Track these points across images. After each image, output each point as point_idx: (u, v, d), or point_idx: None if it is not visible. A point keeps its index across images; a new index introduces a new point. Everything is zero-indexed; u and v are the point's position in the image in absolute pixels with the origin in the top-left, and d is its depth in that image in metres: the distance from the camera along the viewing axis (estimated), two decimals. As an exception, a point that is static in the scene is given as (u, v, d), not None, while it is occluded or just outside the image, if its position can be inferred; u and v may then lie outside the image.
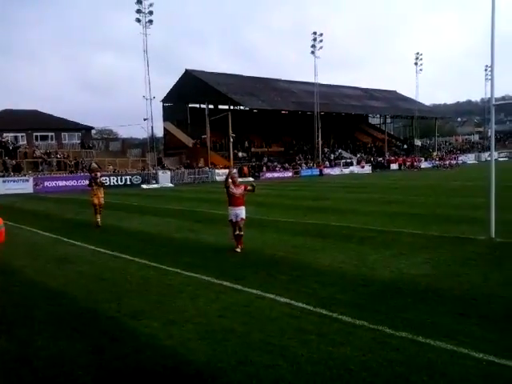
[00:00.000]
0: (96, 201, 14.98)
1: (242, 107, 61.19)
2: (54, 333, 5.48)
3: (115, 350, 4.93)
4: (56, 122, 55.90)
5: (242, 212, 10.22)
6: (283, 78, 75.75)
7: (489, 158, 11.40)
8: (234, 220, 10.17)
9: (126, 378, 4.32)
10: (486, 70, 75.09)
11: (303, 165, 59.46)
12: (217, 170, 49.42)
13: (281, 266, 8.61)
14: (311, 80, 62.91)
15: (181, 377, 4.31)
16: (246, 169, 51.53)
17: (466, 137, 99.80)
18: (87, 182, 15.60)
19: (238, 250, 10.02)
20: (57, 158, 44.94)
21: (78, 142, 54.35)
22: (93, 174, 15.53)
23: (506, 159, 74.77)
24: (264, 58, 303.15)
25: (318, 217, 15.39)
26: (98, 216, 14.95)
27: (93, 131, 63.47)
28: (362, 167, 61.56)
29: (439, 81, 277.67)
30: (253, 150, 62.61)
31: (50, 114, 58.25)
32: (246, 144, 62.48)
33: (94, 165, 16.81)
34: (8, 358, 4.82)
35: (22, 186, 36.94)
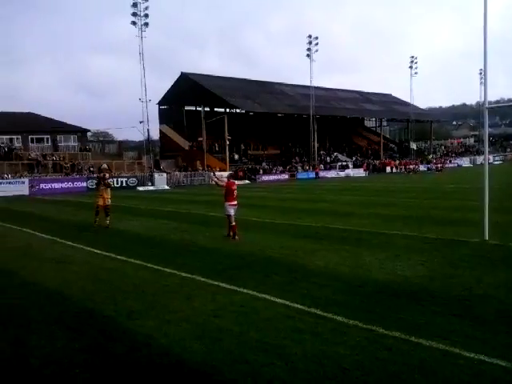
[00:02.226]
0: (101, 202, 15.11)
1: (238, 110, 61.28)
2: (50, 332, 5.52)
3: (111, 348, 4.97)
4: (51, 125, 55.70)
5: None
6: (281, 81, 75.96)
7: (484, 162, 11.51)
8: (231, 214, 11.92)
9: (122, 376, 4.36)
10: (480, 73, 75.49)
11: (299, 167, 59.58)
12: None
13: (276, 267, 8.66)
14: (308, 83, 63.15)
15: (176, 375, 4.35)
16: (241, 172, 51.74)
17: (462, 140, 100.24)
18: (94, 183, 15.67)
19: (237, 237, 11.73)
20: (53, 160, 44.86)
21: (74, 144, 54.21)
22: (101, 175, 15.64)
23: (501, 162, 75.20)
24: (262, 61, 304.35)
25: (314, 219, 15.46)
26: (108, 218, 15.02)
27: (88, 134, 63.31)
28: (365, 170, 61.52)
29: (435, 84, 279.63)
30: (249, 152, 62.70)
31: (45, 117, 58.01)
32: (243, 147, 62.58)
33: (104, 166, 16.89)
34: (4, 357, 4.85)
35: (17, 187, 36.83)
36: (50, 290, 7.51)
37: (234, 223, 11.92)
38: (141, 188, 42.02)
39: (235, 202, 12.13)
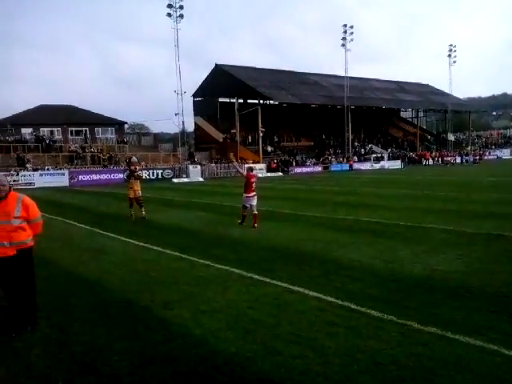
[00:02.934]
0: (131, 194, 15.45)
1: (271, 101, 61.12)
2: (90, 320, 5.72)
3: (148, 337, 5.11)
4: (90, 117, 57.16)
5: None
6: (313, 72, 75.23)
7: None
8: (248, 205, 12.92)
9: (158, 364, 4.48)
10: (524, 61, 72.54)
11: (333, 160, 59.05)
12: (246, 165, 49.57)
13: (310, 260, 8.67)
14: (342, 73, 62.30)
15: (211, 365, 4.44)
16: (273, 164, 51.73)
17: (502, 131, 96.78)
18: (125, 175, 15.97)
19: (256, 225, 12.56)
20: (91, 152, 46.05)
21: (112, 136, 55.48)
22: (132, 168, 15.96)
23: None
24: (295, 51, 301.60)
25: (348, 212, 15.34)
26: (143, 209, 15.46)
27: (125, 126, 64.62)
28: (402, 161, 60.24)
29: (474, 73, 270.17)
30: (282, 144, 62.53)
31: (84, 109, 59.58)
32: (276, 138, 62.45)
33: (134, 158, 17.29)
34: (49, 343, 5.08)
35: (57, 179, 38.10)
36: (90, 279, 7.76)
37: (256, 212, 12.78)
38: (176, 180, 42.62)
39: (252, 194, 12.85)
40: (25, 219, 5.39)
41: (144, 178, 39.92)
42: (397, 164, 60.13)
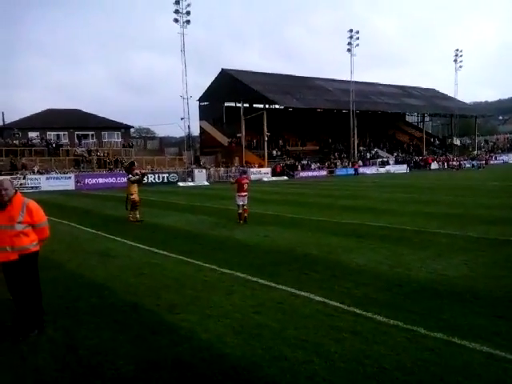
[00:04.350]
0: (137, 198, 15.64)
1: (277, 106, 61.19)
2: (97, 324, 5.74)
3: (154, 341, 5.12)
4: (97, 121, 57.48)
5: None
6: (321, 77, 75.25)
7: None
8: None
9: (164, 368, 4.49)
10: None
11: (338, 164, 58.96)
12: (252, 169, 49.63)
13: (315, 264, 8.65)
14: (349, 78, 62.26)
15: (217, 370, 4.44)
16: (278, 167, 51.75)
17: (508, 135, 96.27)
18: (136, 179, 16.11)
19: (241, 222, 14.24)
20: (97, 155, 46.26)
21: (118, 140, 55.72)
22: (140, 172, 16.23)
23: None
24: (304, 56, 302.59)
25: (353, 216, 15.31)
26: (132, 212, 15.60)
27: (131, 130, 64.88)
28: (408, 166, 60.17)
29: (480, 78, 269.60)
30: (288, 148, 62.55)
31: (90, 113, 59.91)
32: (281, 143, 62.50)
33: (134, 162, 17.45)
34: (55, 346, 5.09)
35: (64, 182, 38.26)
36: (96, 282, 7.79)
37: (246, 210, 14.55)
38: (181, 184, 42.70)
39: (244, 194, 14.43)
40: (29, 224, 5.37)
41: (150, 181, 40.18)
42: (402, 168, 60.00)
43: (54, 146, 46.42)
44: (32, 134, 49.73)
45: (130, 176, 15.95)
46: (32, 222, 5.39)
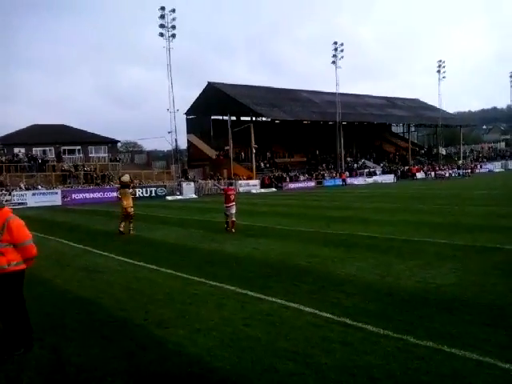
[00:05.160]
0: (131, 210, 16.08)
1: (264, 118, 61.49)
2: (84, 340, 5.65)
3: (143, 356, 5.06)
4: (83, 136, 57.17)
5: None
6: (308, 89, 75.90)
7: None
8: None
9: (154, 384, 4.43)
10: (511, 76, 73.93)
11: (326, 175, 59.29)
12: (240, 181, 49.65)
13: (305, 275, 8.64)
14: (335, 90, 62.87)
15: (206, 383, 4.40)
16: (267, 179, 51.89)
17: (492, 144, 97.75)
18: (130, 192, 16.67)
19: (233, 230, 15.16)
20: (84, 171, 45.94)
21: (105, 155, 55.43)
22: (132, 184, 16.58)
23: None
24: (290, 69, 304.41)
25: (342, 227, 15.36)
26: (127, 224, 16.04)
27: (118, 144, 64.62)
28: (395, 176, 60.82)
29: (463, 88, 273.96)
30: (275, 160, 62.78)
31: (76, 128, 59.64)
32: (269, 155, 62.73)
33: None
34: (41, 364, 5.00)
35: (50, 198, 37.84)
36: (83, 298, 7.69)
37: (233, 219, 15.44)
38: (169, 197, 42.48)
39: (230, 204, 15.34)
40: (9, 243, 5.19)
41: (138, 195, 39.93)
42: (389, 178, 60.48)
43: (39, 161, 46.00)
44: (17, 150, 49.27)
45: (131, 190, 16.75)
46: (12, 240, 5.20)
